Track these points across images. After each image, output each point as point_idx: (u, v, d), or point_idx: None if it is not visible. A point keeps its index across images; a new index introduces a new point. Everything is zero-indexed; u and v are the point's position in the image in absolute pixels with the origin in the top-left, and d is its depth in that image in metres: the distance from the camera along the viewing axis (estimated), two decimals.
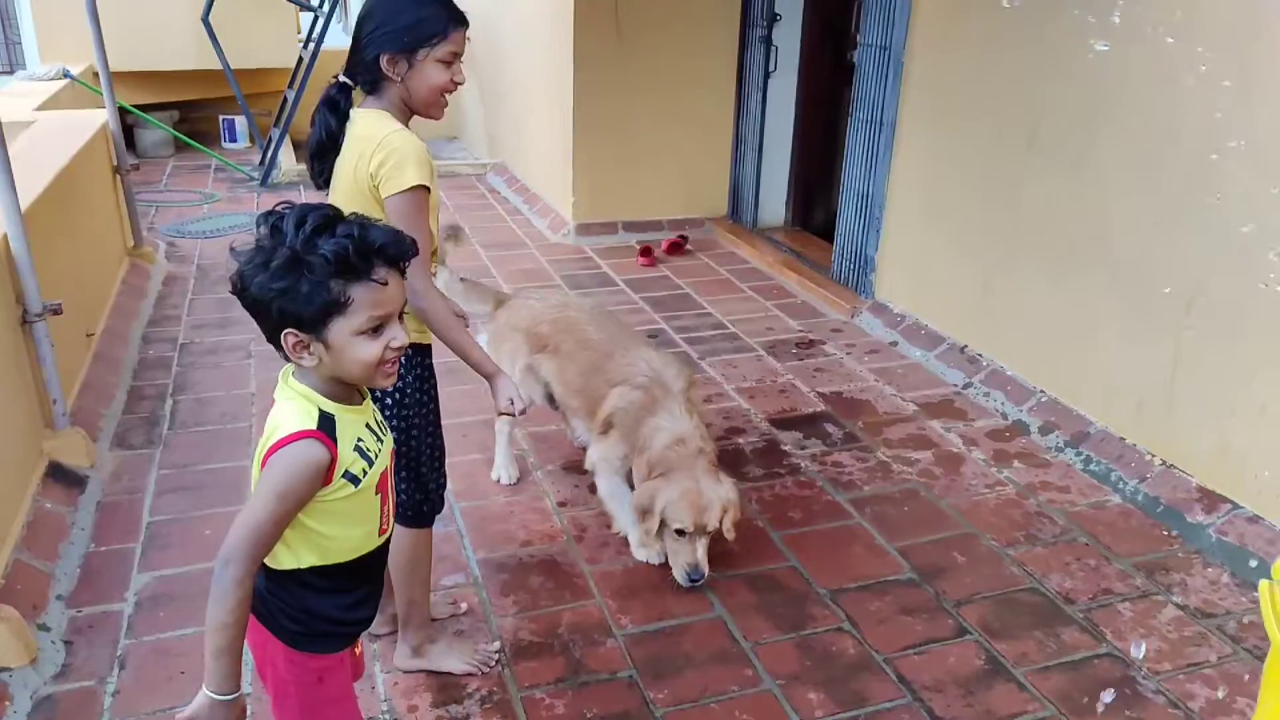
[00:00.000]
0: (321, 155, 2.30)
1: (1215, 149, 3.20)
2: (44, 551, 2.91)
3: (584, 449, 3.28)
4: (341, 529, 1.66)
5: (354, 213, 1.62)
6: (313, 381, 1.60)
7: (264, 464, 1.56)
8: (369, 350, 1.56)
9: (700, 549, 2.88)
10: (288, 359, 1.59)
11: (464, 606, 2.83)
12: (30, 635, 2.53)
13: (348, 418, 1.61)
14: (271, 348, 1.58)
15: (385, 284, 1.54)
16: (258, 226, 1.55)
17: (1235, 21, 3.10)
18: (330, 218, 1.53)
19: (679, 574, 2.90)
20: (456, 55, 2.22)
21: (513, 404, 2.33)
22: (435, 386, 2.40)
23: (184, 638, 2.66)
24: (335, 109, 2.26)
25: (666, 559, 3.03)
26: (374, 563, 1.77)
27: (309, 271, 1.49)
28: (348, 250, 1.49)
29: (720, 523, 2.88)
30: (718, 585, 2.96)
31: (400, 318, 1.61)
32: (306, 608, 1.68)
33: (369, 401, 1.71)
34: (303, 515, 1.59)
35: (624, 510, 3.13)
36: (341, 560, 1.68)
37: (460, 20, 2.22)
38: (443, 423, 2.46)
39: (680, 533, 2.86)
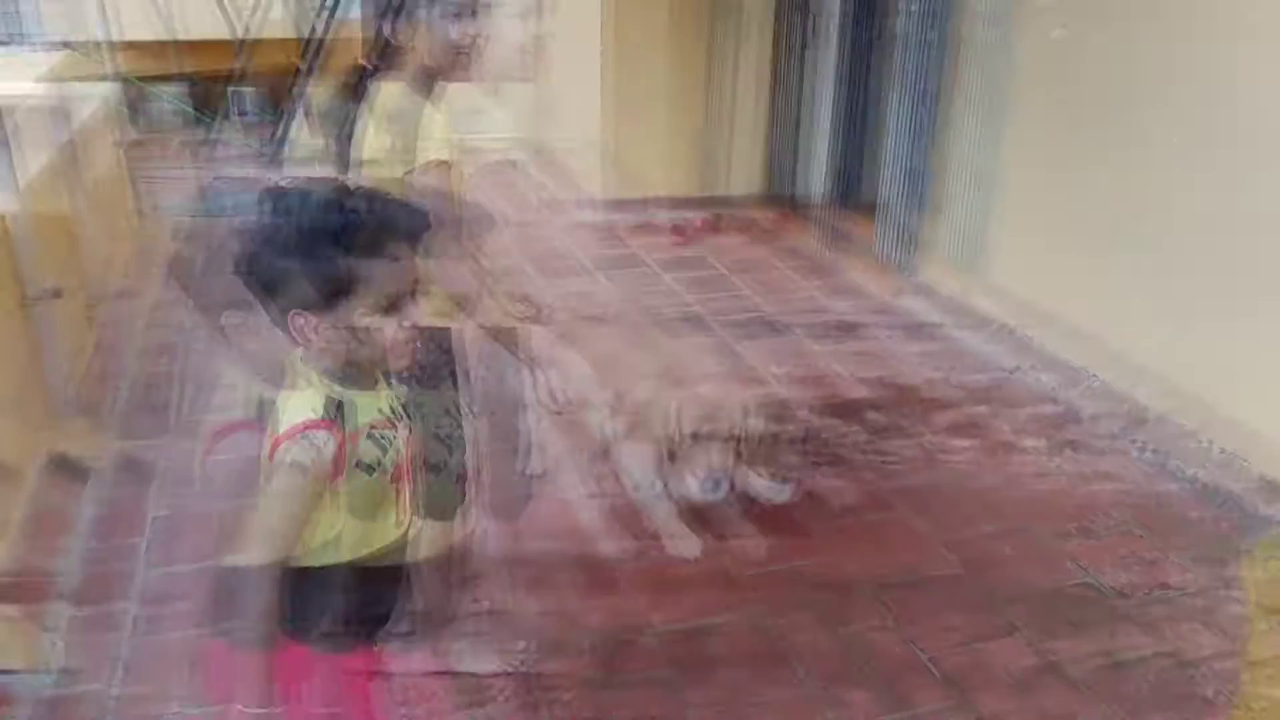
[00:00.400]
0: (340, 139, 2.27)
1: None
2: (46, 547, 2.87)
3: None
4: (356, 520, 1.59)
5: (360, 187, 1.56)
6: (323, 365, 1.54)
7: (270, 456, 1.51)
8: (381, 331, 1.51)
9: (719, 453, 2.68)
10: (296, 342, 1.53)
11: (488, 605, 2.77)
12: (32, 634, 2.51)
13: (360, 403, 1.55)
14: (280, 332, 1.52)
15: (397, 260, 1.49)
16: (262, 204, 1.50)
17: None
18: (338, 192, 1.49)
19: (693, 484, 2.73)
20: (464, 6, 2.15)
21: (554, 399, 2.30)
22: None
23: (189, 637, 2.60)
24: (352, 92, 2.23)
25: (702, 553, 2.96)
26: (393, 557, 1.70)
27: (316, 249, 1.44)
28: (356, 226, 1.45)
29: (744, 428, 2.68)
30: (755, 581, 2.90)
31: (413, 295, 1.55)
32: (322, 605, 1.61)
33: (385, 385, 1.65)
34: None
35: (657, 505, 3.06)
36: (359, 554, 1.62)
37: None
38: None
39: (696, 437, 2.68)
